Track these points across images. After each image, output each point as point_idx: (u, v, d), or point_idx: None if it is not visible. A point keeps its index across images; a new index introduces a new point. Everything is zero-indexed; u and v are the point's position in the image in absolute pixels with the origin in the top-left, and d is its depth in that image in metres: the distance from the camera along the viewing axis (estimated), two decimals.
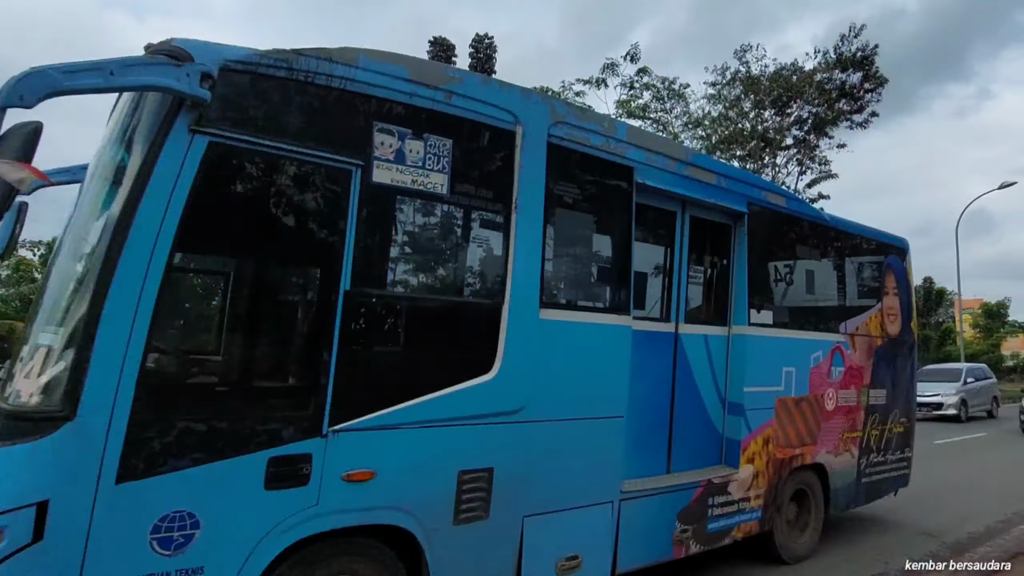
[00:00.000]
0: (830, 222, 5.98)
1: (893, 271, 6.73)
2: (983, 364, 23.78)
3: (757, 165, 24.38)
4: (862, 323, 6.17)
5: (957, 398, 19.30)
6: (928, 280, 52.62)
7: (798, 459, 5.28)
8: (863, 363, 6.09)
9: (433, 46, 16.78)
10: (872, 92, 23.36)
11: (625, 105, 21.92)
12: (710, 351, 4.82)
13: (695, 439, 4.68)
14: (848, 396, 5.85)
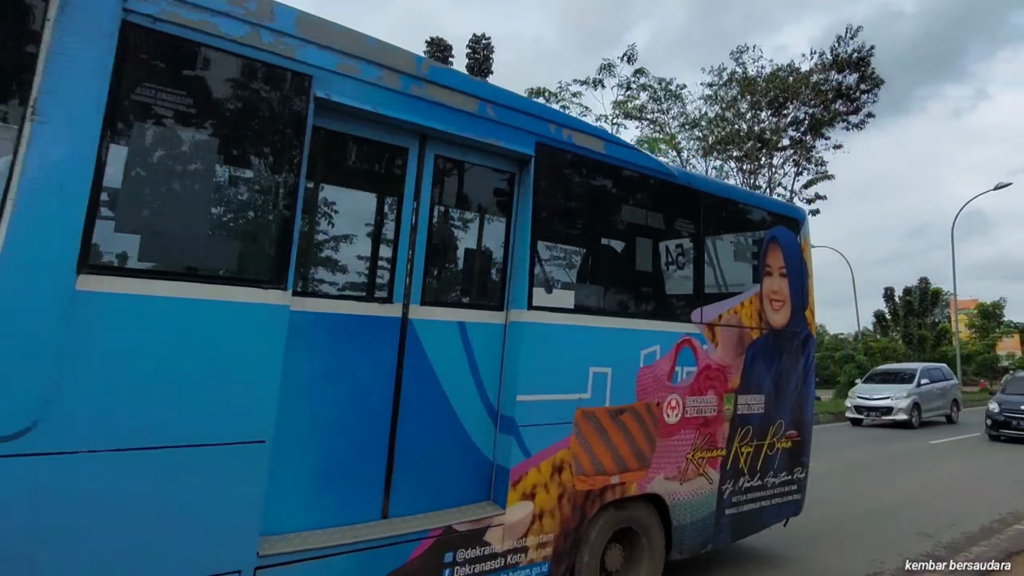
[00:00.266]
0: (681, 179, 4.61)
1: (780, 247, 5.35)
2: (943, 364, 22.01)
3: (754, 165, 24.68)
4: (729, 310, 4.83)
5: (908, 402, 17.79)
6: (924, 280, 52.51)
7: (616, 490, 3.93)
8: (729, 361, 4.74)
9: (430, 46, 16.25)
10: (868, 93, 23.62)
11: (622, 106, 21.76)
12: (470, 345, 3.48)
13: (441, 469, 3.35)
14: (703, 404, 4.50)
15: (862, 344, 42.83)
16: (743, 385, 4.85)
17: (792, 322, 5.39)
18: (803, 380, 5.51)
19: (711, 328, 4.65)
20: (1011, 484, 9.53)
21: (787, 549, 5.99)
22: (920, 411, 18.05)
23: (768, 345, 5.13)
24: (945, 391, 19.74)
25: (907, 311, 53.27)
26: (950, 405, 19.75)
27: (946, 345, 47.09)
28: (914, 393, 18.14)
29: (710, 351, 4.60)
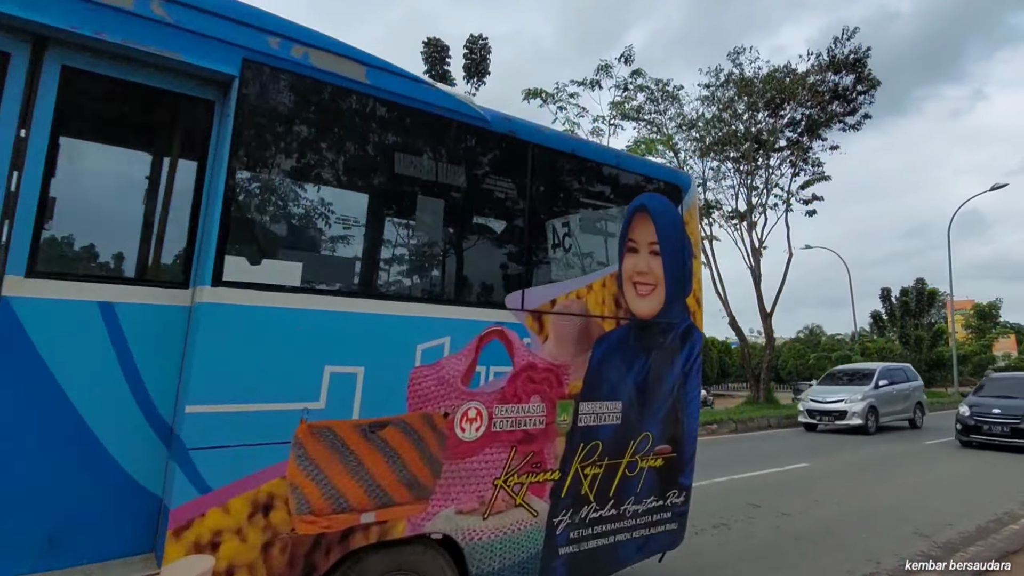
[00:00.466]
0: (496, 125, 3.57)
1: (652, 218, 4.31)
2: (906, 364, 20.40)
3: (751, 166, 24.67)
4: (568, 294, 3.80)
5: (864, 405, 16.28)
6: (920, 281, 51.94)
7: (371, 531, 2.90)
8: (566, 359, 3.71)
9: (427, 47, 15.68)
10: (865, 94, 23.66)
11: (619, 107, 21.61)
12: (123, 336, 2.48)
13: (65, 510, 2.37)
14: (522, 415, 3.47)
15: (859, 345, 41.97)
16: (588, 389, 3.81)
17: (666, 311, 4.34)
18: (682, 383, 4.44)
19: (538, 316, 3.62)
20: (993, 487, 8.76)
21: (782, 550, 5.99)
22: (877, 415, 16.65)
23: (629, 339, 4.09)
24: (907, 393, 18.30)
25: (904, 312, 52.50)
26: (913, 409, 18.31)
27: (942, 346, 46.49)
28: (871, 396, 16.71)
29: (536, 346, 3.58)
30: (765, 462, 11.01)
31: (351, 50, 3.07)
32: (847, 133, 24.46)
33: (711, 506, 7.69)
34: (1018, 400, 13.38)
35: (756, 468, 10.35)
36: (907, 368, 19.56)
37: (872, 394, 16.81)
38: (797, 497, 8.27)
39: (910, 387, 18.55)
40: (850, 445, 14.04)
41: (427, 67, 15.97)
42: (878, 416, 16.63)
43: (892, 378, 17.93)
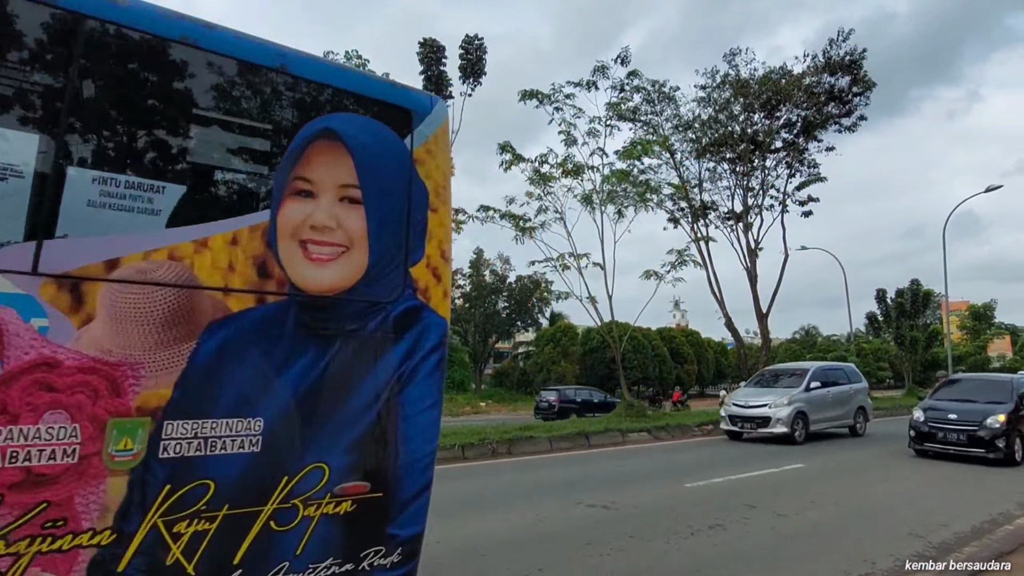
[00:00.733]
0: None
1: (349, 149, 2.98)
2: (848, 364, 18.65)
3: (747, 167, 24.89)
4: (147, 252, 2.45)
5: (790, 411, 14.26)
6: (915, 282, 51.95)
7: None
8: (134, 353, 2.37)
9: (423, 47, 15.58)
10: (860, 96, 23.79)
11: (615, 108, 21.43)
12: None
13: None
14: (19, 442, 2.12)
15: (854, 345, 42.06)
16: (185, 401, 2.45)
17: (367, 285, 2.96)
18: (396, 391, 3.02)
19: (71, 285, 2.28)
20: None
21: (778, 550, 5.97)
22: (807, 422, 14.57)
23: (284, 325, 2.73)
24: (846, 397, 16.13)
25: (899, 313, 52.58)
26: (854, 414, 16.28)
27: (938, 347, 46.75)
28: (799, 400, 14.66)
29: (62, 331, 2.23)
30: (761, 462, 11.03)
31: None
32: (843, 134, 24.56)
33: (707, 507, 7.70)
34: (977, 404, 12.13)
35: (752, 469, 10.36)
36: (848, 368, 17.76)
37: (801, 398, 14.83)
38: (793, 497, 8.28)
39: (851, 390, 16.52)
40: (841, 447, 14.05)
41: (423, 68, 15.94)
42: (807, 423, 14.62)
43: (827, 379, 15.98)
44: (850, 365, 18.45)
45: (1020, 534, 6.51)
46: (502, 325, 45.83)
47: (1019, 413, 11.70)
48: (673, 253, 22.10)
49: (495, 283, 44.93)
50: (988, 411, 11.63)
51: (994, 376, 13.36)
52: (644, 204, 21.79)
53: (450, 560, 5.53)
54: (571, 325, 43.54)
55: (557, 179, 20.75)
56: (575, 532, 6.47)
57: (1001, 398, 12.08)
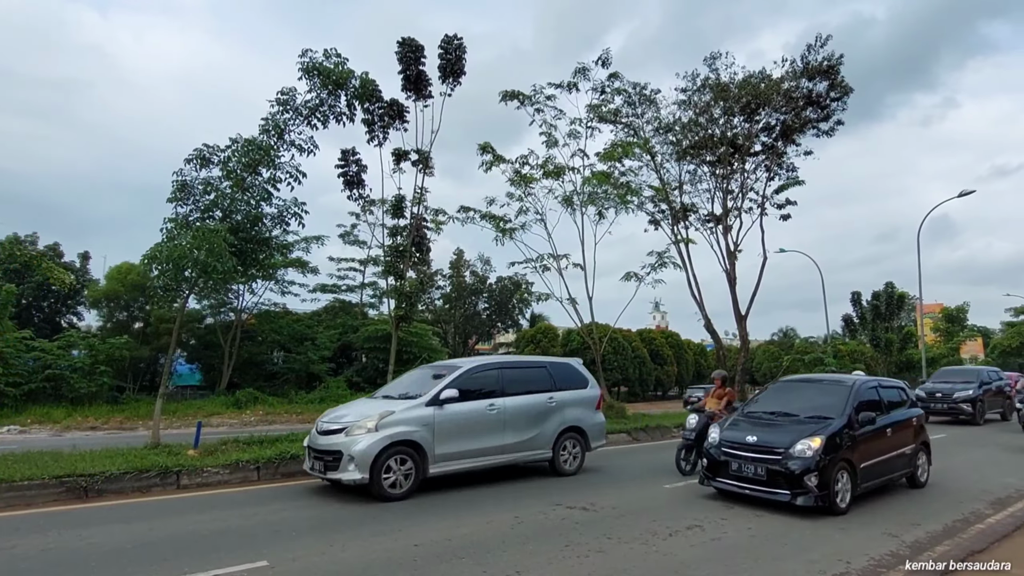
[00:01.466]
0: None
1: None
2: (566, 360, 11.40)
3: (727, 170, 24.73)
4: None
5: (365, 446, 7.83)
6: (890, 285, 52.92)
7: None
8: None
9: (402, 47, 15.34)
10: (838, 101, 23.92)
11: (596, 109, 21.52)
12: None
13: None
14: None
15: (831, 347, 42.55)
16: None
17: None
18: None
19: None
20: None
21: (755, 550, 6.04)
22: (424, 459, 8.30)
23: None
24: (536, 415, 9.86)
25: (874, 315, 53.50)
26: (554, 439, 10.00)
27: (912, 348, 47.50)
28: (402, 422, 8.26)
29: None
30: None
31: None
32: (820, 138, 24.78)
33: (685, 508, 7.73)
34: (790, 423, 8.19)
35: None
36: (559, 366, 10.91)
37: (412, 417, 8.36)
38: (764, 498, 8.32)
39: (551, 402, 10.07)
40: None
41: (402, 67, 15.82)
42: (423, 462, 8.29)
43: (486, 385, 9.50)
44: (565, 361, 11.27)
45: (990, 532, 6.62)
46: (482, 326, 45.73)
47: (850, 433, 7.78)
48: (653, 255, 22.24)
49: (475, 284, 44.82)
50: (799, 433, 7.65)
51: (830, 378, 9.62)
52: (624, 206, 21.89)
53: (427, 562, 5.48)
54: (551, 326, 43.61)
55: (538, 180, 20.76)
56: (554, 534, 6.45)
57: (831, 411, 8.06)
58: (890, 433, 8.54)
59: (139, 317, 30.80)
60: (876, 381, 9.26)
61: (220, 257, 11.06)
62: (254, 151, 12.11)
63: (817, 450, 7.33)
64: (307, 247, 31.59)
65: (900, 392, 9.56)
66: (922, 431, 9.43)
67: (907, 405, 9.44)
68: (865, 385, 8.79)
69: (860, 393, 8.46)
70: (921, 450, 9.29)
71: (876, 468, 8.17)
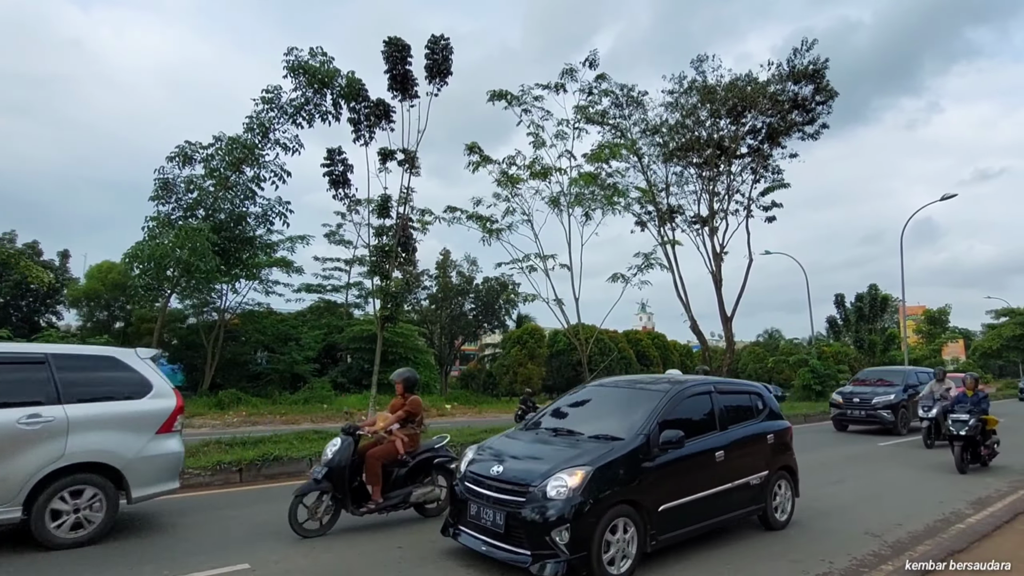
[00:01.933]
0: None
1: None
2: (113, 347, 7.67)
3: (713, 172, 25.22)
4: None
5: None
6: (873, 287, 53.52)
7: None
8: None
9: (388, 47, 15.17)
10: (823, 105, 24.33)
11: (583, 110, 21.46)
12: None
13: None
14: None
15: (815, 348, 42.89)
16: None
17: None
18: None
19: None
20: None
21: (738, 550, 6.09)
22: None
23: None
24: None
25: (858, 317, 54.10)
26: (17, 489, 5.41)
27: (895, 350, 47.94)
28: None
29: None
30: None
31: None
32: (806, 141, 25.04)
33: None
34: (556, 450, 5.61)
35: None
36: (68, 356, 6.17)
37: None
38: None
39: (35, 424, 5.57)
40: (809, 445, 14.29)
41: (388, 67, 15.75)
42: None
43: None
44: (100, 352, 6.62)
45: (970, 532, 6.67)
46: (468, 327, 45.60)
47: (642, 462, 5.38)
48: (640, 256, 22.30)
49: (462, 285, 44.69)
50: (561, 461, 5.23)
51: (648, 381, 6.77)
52: (611, 207, 21.93)
53: (412, 564, 5.44)
54: (538, 327, 43.55)
55: (525, 181, 20.76)
56: None
57: (626, 428, 5.66)
58: (722, 457, 6.11)
59: (120, 317, 30.42)
60: (710, 385, 6.68)
61: (203, 256, 10.95)
62: (238, 149, 12.01)
63: (575, 489, 4.83)
64: (292, 246, 31.33)
65: (753, 399, 7.13)
66: (783, 452, 7.14)
67: (762, 416, 7.03)
68: (686, 391, 6.24)
69: (676, 402, 5.99)
70: (781, 478, 7.01)
71: (691, 509, 5.71)
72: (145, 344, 26.25)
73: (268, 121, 12.37)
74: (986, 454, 11.09)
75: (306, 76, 12.46)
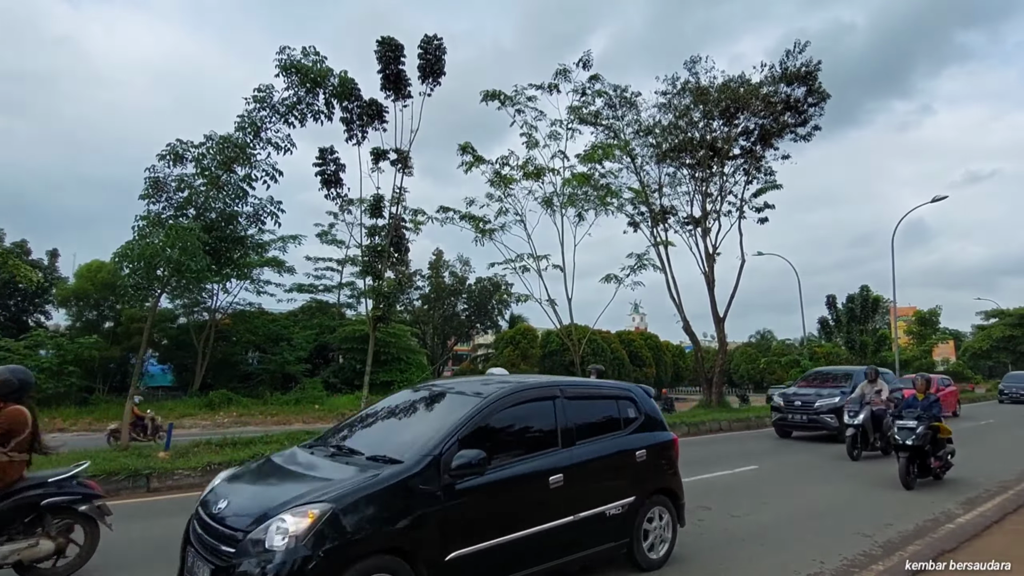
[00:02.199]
0: None
1: None
2: None
3: (706, 173, 25.04)
4: None
5: None
6: (865, 288, 53.76)
7: None
8: None
9: (381, 46, 15.14)
10: (815, 107, 24.28)
11: (577, 111, 21.58)
12: None
13: None
14: None
15: (807, 349, 43.08)
16: None
17: None
18: None
19: None
20: None
21: (732, 551, 6.06)
22: None
23: None
24: None
25: (849, 318, 54.40)
26: None
27: (886, 351, 48.22)
28: None
29: None
30: (716, 465, 11.13)
31: None
32: (798, 143, 25.09)
33: None
34: (301, 478, 4.19)
35: (708, 471, 10.44)
36: None
37: None
38: (746, 499, 8.37)
39: None
40: (800, 445, 14.32)
41: (381, 66, 15.69)
42: None
43: None
44: None
45: (960, 532, 6.68)
46: (461, 327, 45.61)
47: (426, 492, 4.00)
48: (633, 257, 22.32)
49: (454, 285, 44.68)
50: (294, 496, 3.78)
51: (464, 388, 5.10)
52: (604, 207, 21.96)
53: None
54: (531, 328, 43.55)
55: (518, 181, 20.75)
56: None
57: (406, 447, 4.29)
58: (560, 483, 4.66)
59: (109, 316, 30.22)
60: (554, 387, 5.13)
61: (193, 256, 10.87)
62: (229, 148, 11.93)
63: (301, 536, 3.45)
64: (283, 246, 31.22)
65: (621, 406, 5.63)
66: (662, 472, 5.66)
67: (632, 427, 5.57)
68: (509, 397, 4.73)
69: (493, 412, 4.56)
70: (656, 505, 5.53)
71: (504, 554, 4.29)
72: (135, 344, 26.13)
73: (260, 120, 12.29)
74: (938, 467, 9.71)
75: (298, 75, 12.40)
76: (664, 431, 5.92)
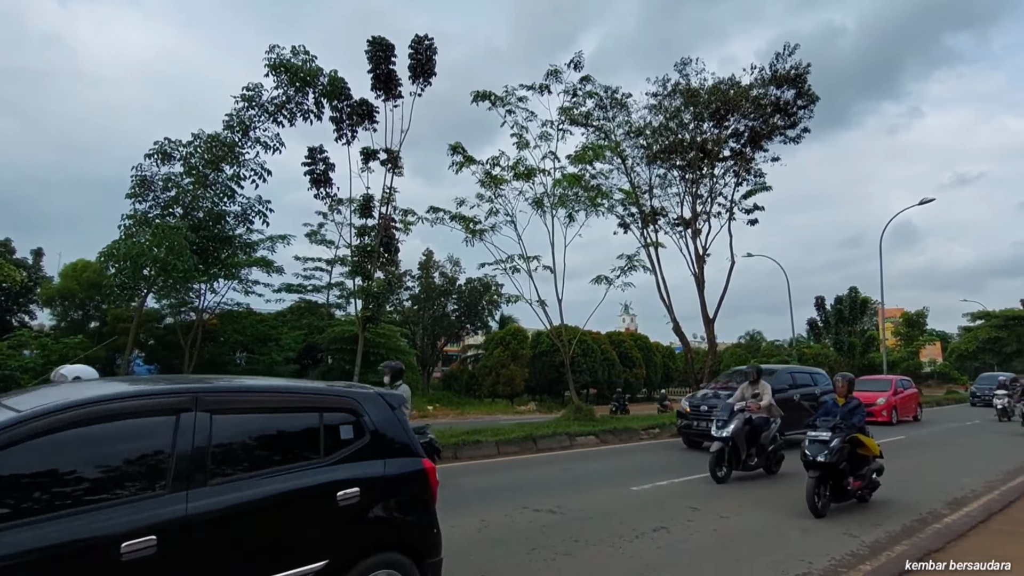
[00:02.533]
0: None
1: None
2: None
3: (696, 175, 25.20)
4: None
5: None
6: (853, 290, 54.21)
7: None
8: None
9: (372, 46, 15.03)
10: (804, 109, 24.46)
11: (568, 112, 21.39)
12: None
13: None
14: None
15: (796, 350, 43.32)
16: None
17: None
18: None
19: None
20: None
21: (720, 551, 6.08)
22: None
23: None
24: None
25: (838, 319, 54.76)
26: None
27: (874, 352, 48.59)
28: None
29: None
30: (706, 465, 11.07)
31: None
32: (788, 145, 25.24)
33: (652, 510, 7.72)
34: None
35: (697, 472, 10.45)
36: None
37: None
38: (735, 500, 8.38)
39: None
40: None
41: (372, 66, 15.63)
42: None
43: None
44: None
45: (947, 532, 6.72)
46: (451, 328, 45.46)
47: None
48: (623, 258, 22.33)
49: (444, 285, 44.56)
50: None
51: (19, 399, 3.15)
52: (595, 208, 21.94)
53: None
54: (521, 328, 43.51)
55: (508, 182, 20.71)
56: (521, 537, 6.37)
57: None
58: (149, 551, 2.79)
59: (95, 316, 29.93)
60: (183, 395, 3.21)
61: (180, 255, 10.77)
62: (218, 147, 11.85)
63: None
64: (272, 246, 30.95)
65: (328, 420, 3.74)
66: (386, 521, 3.80)
67: (340, 454, 3.66)
68: (66, 415, 2.81)
69: (28, 434, 2.66)
70: (373, 568, 3.60)
71: None
72: (121, 344, 25.86)
73: (248, 119, 12.22)
74: (858, 487, 7.96)
75: (288, 74, 12.34)
76: (409, 456, 4.03)
